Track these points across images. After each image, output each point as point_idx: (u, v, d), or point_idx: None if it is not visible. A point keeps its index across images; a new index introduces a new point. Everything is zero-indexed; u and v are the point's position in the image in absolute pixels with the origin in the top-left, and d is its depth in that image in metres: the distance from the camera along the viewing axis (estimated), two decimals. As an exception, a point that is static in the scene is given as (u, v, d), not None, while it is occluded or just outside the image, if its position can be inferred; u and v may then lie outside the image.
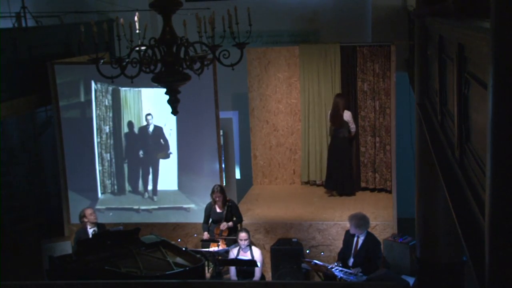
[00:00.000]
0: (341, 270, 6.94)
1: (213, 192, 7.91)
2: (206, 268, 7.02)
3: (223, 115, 9.02)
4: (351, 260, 7.17)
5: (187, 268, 6.47)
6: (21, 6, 9.56)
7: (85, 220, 7.69)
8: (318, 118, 9.65)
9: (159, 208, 8.82)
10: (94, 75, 5.85)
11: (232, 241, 7.65)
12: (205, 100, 8.37)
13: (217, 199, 7.87)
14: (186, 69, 4.70)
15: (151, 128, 8.77)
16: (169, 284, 5.16)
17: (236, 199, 8.89)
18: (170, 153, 8.73)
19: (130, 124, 8.79)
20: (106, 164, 8.90)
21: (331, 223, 8.24)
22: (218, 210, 7.93)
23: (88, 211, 7.75)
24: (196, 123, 8.53)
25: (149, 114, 8.72)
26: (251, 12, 4.53)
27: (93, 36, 4.36)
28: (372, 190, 9.54)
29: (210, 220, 8.02)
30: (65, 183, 8.96)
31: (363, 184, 9.63)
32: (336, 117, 9.05)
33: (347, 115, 9.02)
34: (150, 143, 8.81)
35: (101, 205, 8.87)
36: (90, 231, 7.67)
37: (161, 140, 8.76)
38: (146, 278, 6.24)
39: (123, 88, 8.70)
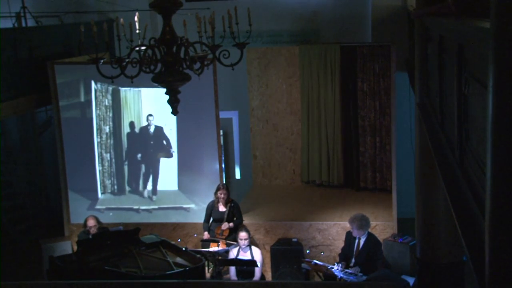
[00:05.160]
0: (341, 270, 6.94)
1: (218, 189, 7.91)
2: (206, 268, 7.02)
3: (223, 115, 9.02)
4: (353, 261, 7.16)
5: (187, 268, 6.47)
6: (21, 6, 9.57)
7: (87, 228, 7.70)
8: (318, 118, 9.65)
9: (159, 208, 8.82)
10: (94, 75, 5.86)
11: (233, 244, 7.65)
12: (205, 100, 8.37)
13: (222, 195, 7.86)
14: (186, 69, 4.69)
15: (152, 129, 8.76)
16: (169, 284, 5.16)
17: (236, 199, 8.89)
18: (173, 151, 8.72)
19: (132, 124, 8.79)
20: (106, 164, 8.90)
21: (331, 223, 8.24)
22: (220, 208, 7.92)
23: (90, 222, 7.71)
24: (196, 123, 8.53)
25: (150, 115, 8.71)
26: (251, 12, 4.53)
27: (93, 36, 4.36)
28: (372, 190, 9.54)
29: (211, 219, 8.02)
30: (65, 183, 8.95)
31: (362, 184, 9.64)
32: None
33: None
34: (151, 144, 8.80)
35: (101, 205, 8.86)
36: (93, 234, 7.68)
37: (163, 141, 8.74)
38: (146, 278, 6.24)
39: (123, 88, 8.70)
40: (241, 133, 10.89)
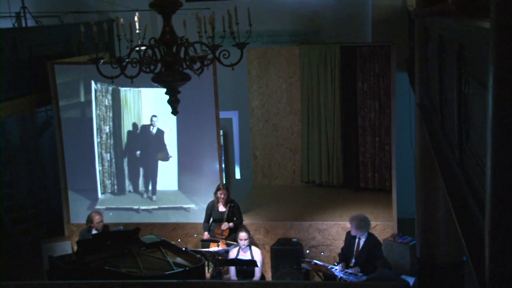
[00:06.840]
0: (341, 270, 6.94)
1: (218, 189, 7.91)
2: (206, 268, 7.02)
3: (223, 115, 9.02)
4: (353, 261, 7.16)
5: (187, 268, 6.47)
6: (21, 6, 9.56)
7: (92, 225, 7.66)
8: (318, 118, 9.65)
9: (159, 208, 8.82)
10: (94, 75, 5.86)
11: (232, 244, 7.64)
12: (205, 100, 8.37)
13: (222, 196, 7.86)
14: (186, 69, 4.70)
15: (154, 130, 8.75)
16: (169, 284, 5.16)
17: (236, 199, 8.89)
18: (170, 156, 8.71)
19: (134, 125, 8.79)
20: (106, 164, 8.90)
21: (331, 223, 8.24)
22: (220, 209, 7.92)
23: (97, 218, 7.67)
24: (196, 123, 8.52)
25: (154, 116, 8.70)
26: (251, 12, 4.53)
27: (93, 36, 4.36)
28: (372, 190, 9.54)
29: (211, 219, 8.02)
30: (65, 183, 8.95)
31: (362, 184, 9.63)
32: None
33: None
34: (151, 144, 8.80)
35: (101, 205, 8.86)
36: (94, 233, 7.65)
37: (162, 145, 8.73)
38: (146, 278, 6.24)
39: (123, 88, 8.70)
40: (241, 133, 10.89)
